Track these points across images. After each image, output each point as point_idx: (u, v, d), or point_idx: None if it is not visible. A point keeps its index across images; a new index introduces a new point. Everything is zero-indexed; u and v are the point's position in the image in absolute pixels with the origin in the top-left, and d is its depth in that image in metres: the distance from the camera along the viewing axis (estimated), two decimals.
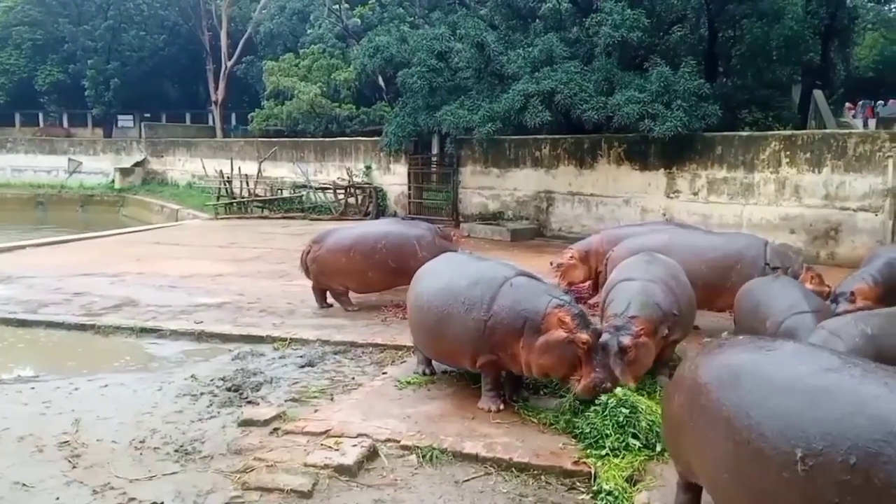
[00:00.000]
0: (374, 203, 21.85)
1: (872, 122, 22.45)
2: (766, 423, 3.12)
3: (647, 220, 15.47)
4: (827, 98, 21.25)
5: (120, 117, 42.96)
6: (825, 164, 14.09)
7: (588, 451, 5.05)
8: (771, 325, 5.87)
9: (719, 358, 3.68)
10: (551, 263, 10.21)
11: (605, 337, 5.84)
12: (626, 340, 5.69)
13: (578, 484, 4.78)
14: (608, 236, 10.13)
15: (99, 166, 33.59)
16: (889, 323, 5.12)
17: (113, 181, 32.34)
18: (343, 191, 22.48)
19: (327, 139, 25.35)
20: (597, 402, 5.38)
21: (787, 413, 3.07)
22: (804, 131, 15.66)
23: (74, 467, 4.99)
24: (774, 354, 3.46)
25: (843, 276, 7.85)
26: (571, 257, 10.03)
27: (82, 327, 8.76)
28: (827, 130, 15.62)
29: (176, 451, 5.25)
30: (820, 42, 19.70)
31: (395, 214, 21.21)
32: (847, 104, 25.20)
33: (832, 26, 20.53)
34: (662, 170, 16.42)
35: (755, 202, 15.02)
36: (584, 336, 5.43)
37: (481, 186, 19.87)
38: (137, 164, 32.54)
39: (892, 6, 31.09)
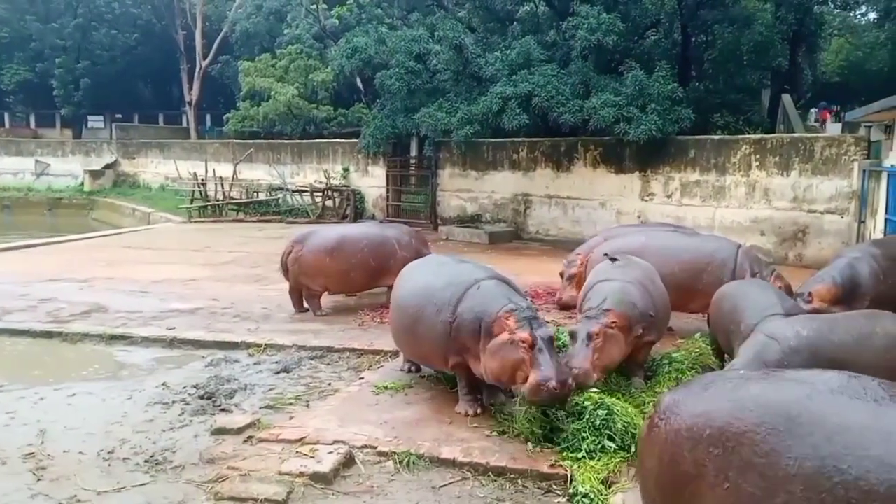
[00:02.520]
0: (351, 206, 21.76)
1: (832, 126, 22.86)
2: (874, 476, 2.49)
3: (624, 223, 15.58)
4: (795, 102, 21.64)
5: (90, 118, 42.16)
6: (793, 168, 14.34)
7: (564, 454, 5.07)
8: (745, 328, 5.92)
9: (743, 396, 2.98)
10: (561, 275, 9.79)
11: (574, 326, 5.90)
12: (594, 327, 5.73)
13: (555, 487, 4.79)
14: (611, 236, 9.81)
15: (68, 168, 32.92)
16: (826, 327, 5.20)
17: (82, 183, 31.73)
18: (320, 193, 22.35)
19: (304, 141, 25.19)
20: (573, 405, 5.40)
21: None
22: (773, 135, 15.93)
23: (40, 480, 4.86)
24: (815, 388, 2.90)
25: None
26: (581, 264, 9.27)
27: (49, 335, 8.54)
28: (795, 134, 15.89)
29: (146, 461, 5.14)
30: (788, 47, 20.11)
31: (373, 217, 21.16)
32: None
33: (800, 32, 20.97)
34: (637, 172, 16.58)
35: (727, 204, 15.24)
36: (522, 334, 5.28)
37: (459, 189, 19.89)
38: (108, 166, 31.96)
39: (857, 13, 31.81)
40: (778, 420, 2.75)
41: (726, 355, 6.42)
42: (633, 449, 4.99)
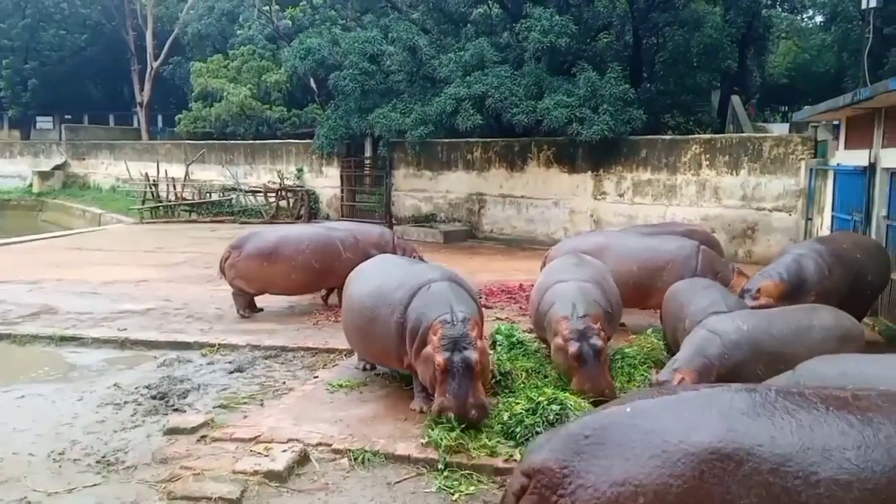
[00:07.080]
0: (305, 206, 21.62)
1: (783, 127, 23.63)
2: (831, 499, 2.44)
3: (577, 222, 15.84)
4: (744, 103, 22.32)
5: (38, 119, 40.90)
6: (742, 167, 14.81)
7: (519, 448, 5.12)
8: (689, 325, 6.10)
9: (664, 447, 2.60)
10: None
11: (575, 346, 5.81)
12: (600, 343, 5.81)
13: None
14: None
15: (16, 169, 32.28)
16: (766, 321, 5.42)
17: (31, 185, 31.06)
18: (274, 194, 22.16)
19: (257, 142, 24.92)
20: (527, 400, 5.52)
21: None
22: (723, 135, 16.40)
23: None
24: (730, 415, 2.68)
25: None
26: None
27: None
28: (744, 134, 16.37)
29: (97, 462, 5.08)
30: (737, 50, 20.72)
31: (327, 217, 21.09)
32: None
33: (749, 35, 21.63)
34: (590, 172, 16.89)
35: (678, 203, 15.64)
36: (438, 358, 5.30)
37: (414, 189, 19.95)
38: (57, 168, 31.26)
39: (804, 17, 32.89)
40: (715, 465, 2.50)
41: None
42: None
